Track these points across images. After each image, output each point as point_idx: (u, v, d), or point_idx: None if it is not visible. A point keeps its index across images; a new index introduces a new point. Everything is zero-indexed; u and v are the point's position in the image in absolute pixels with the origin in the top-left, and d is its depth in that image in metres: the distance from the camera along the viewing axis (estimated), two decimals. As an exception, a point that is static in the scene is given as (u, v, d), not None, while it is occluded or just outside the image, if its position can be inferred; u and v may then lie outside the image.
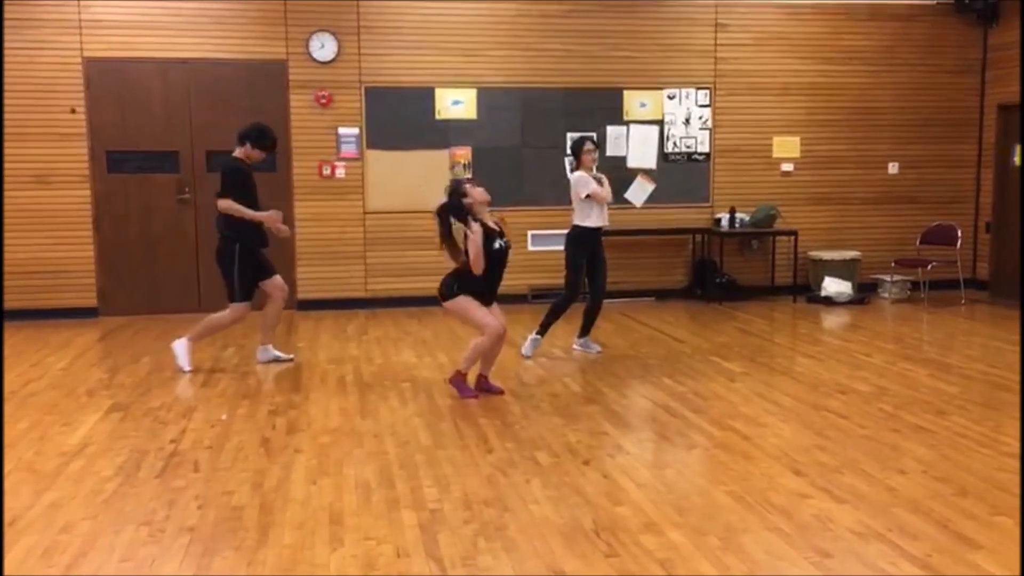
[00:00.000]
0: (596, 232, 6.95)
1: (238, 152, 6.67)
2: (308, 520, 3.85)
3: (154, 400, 5.83)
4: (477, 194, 5.70)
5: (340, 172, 9.24)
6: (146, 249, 9.04)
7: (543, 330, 7.05)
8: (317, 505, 4.02)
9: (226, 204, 6.43)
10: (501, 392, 5.89)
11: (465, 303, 5.73)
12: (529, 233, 9.59)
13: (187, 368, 6.59)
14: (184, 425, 5.26)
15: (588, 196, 6.82)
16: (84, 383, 6.33)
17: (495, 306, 5.87)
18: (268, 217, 6.57)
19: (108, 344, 7.75)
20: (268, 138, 6.70)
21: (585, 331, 7.19)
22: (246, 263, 6.54)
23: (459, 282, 5.72)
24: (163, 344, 7.59)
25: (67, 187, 8.77)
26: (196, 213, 9.05)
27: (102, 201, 8.91)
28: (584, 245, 6.93)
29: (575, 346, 7.23)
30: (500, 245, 5.70)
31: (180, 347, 6.67)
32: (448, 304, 5.79)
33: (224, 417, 5.43)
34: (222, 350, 7.38)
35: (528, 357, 6.95)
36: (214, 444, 4.90)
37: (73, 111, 8.71)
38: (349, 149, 9.23)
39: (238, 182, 6.51)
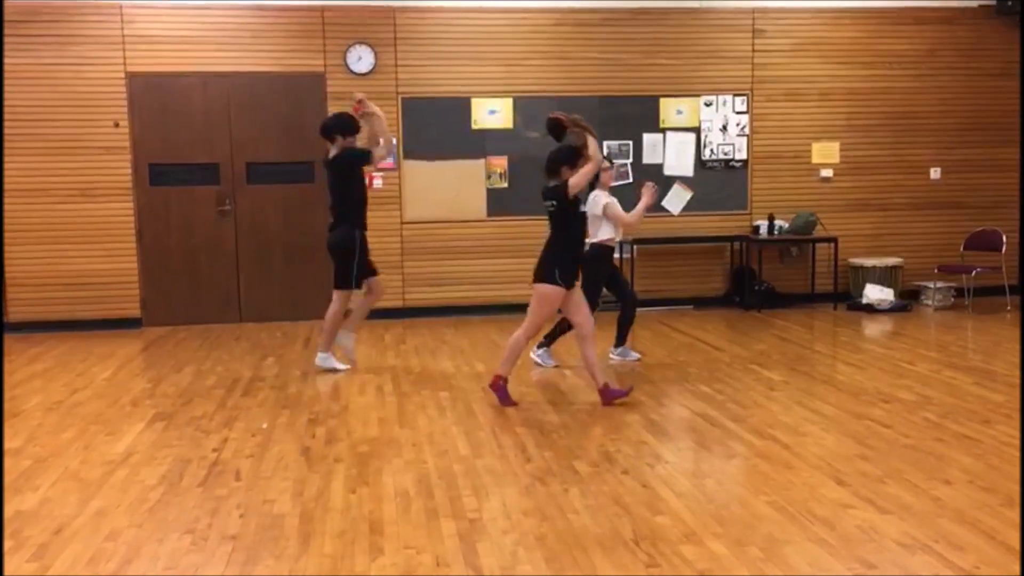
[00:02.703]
0: (612, 249, 6.97)
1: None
2: (348, 529, 3.87)
3: (196, 409, 5.91)
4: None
5: (377, 182, 9.30)
6: (187, 260, 9.17)
7: (549, 342, 7.04)
8: (357, 514, 4.04)
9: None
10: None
11: (553, 296, 5.70)
12: (566, 242, 9.58)
13: (343, 366, 6.93)
14: (226, 434, 5.32)
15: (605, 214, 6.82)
16: (128, 393, 6.43)
17: (581, 296, 5.92)
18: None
19: (151, 354, 7.87)
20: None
21: (621, 340, 7.17)
22: (364, 251, 6.82)
23: (559, 267, 5.70)
24: (204, 353, 7.72)
25: (111, 200, 8.93)
26: (236, 224, 9.17)
27: (145, 213, 9.06)
28: (609, 261, 6.95)
29: (612, 356, 7.20)
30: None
31: (323, 360, 6.92)
32: (543, 287, 5.72)
33: (264, 426, 5.49)
34: (262, 359, 7.46)
35: (542, 365, 6.97)
36: (255, 453, 4.95)
37: (116, 125, 8.87)
38: (386, 159, 9.28)
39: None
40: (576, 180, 5.66)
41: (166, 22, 8.85)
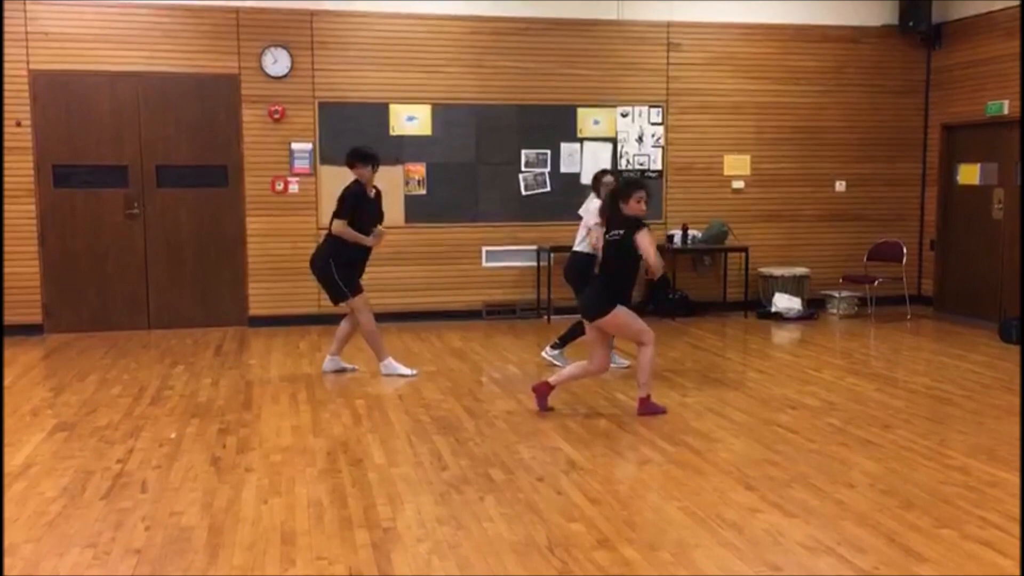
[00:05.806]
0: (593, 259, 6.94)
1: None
2: (259, 540, 3.80)
3: (100, 419, 5.72)
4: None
5: (293, 187, 9.17)
6: (93, 265, 8.87)
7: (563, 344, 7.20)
8: (268, 525, 3.97)
9: (339, 227, 6.80)
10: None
11: (624, 315, 5.64)
12: (483, 249, 9.60)
13: (409, 371, 6.91)
14: (131, 444, 5.17)
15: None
16: (28, 402, 6.18)
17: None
18: (374, 241, 7.00)
19: (53, 362, 7.59)
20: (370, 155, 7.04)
21: (563, 344, 7.21)
22: (341, 267, 6.81)
23: (609, 294, 5.63)
24: (110, 361, 7.49)
25: (11, 202, 8.58)
26: (145, 228, 8.92)
27: (48, 216, 8.73)
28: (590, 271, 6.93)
29: (544, 354, 7.28)
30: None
31: (387, 368, 6.90)
32: (604, 321, 5.64)
33: (173, 436, 5.35)
34: (171, 367, 7.27)
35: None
36: (162, 464, 4.82)
37: (19, 124, 8.55)
38: (302, 164, 9.17)
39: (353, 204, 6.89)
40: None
41: (72, 18, 8.55)
